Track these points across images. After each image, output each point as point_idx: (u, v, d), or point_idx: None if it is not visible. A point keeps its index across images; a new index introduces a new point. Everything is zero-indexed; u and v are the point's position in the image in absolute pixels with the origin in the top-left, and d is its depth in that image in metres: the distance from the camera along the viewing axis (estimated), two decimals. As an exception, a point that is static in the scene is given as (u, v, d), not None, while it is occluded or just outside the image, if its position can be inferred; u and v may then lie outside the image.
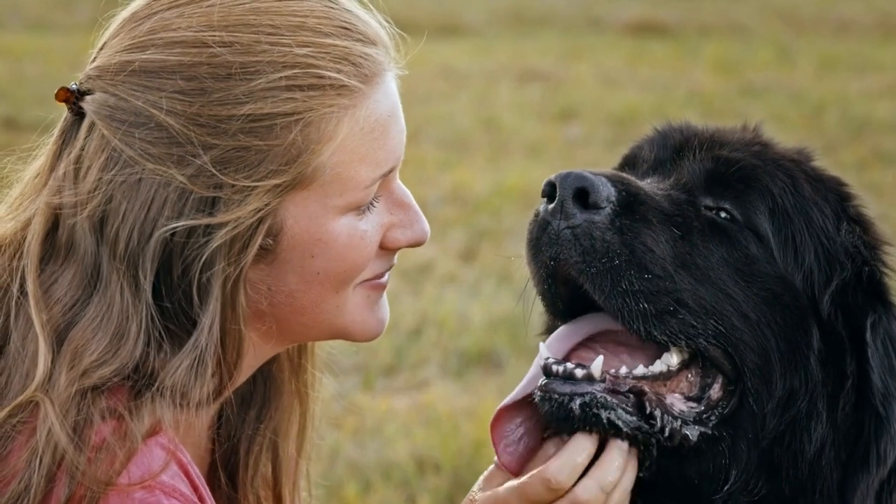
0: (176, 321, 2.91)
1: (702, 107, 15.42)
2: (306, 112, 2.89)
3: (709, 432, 3.04)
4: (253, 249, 2.88)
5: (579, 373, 2.99)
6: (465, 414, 7.46)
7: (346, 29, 2.99)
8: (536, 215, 3.07)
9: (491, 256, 10.12)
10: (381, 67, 3.00)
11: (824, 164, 3.31)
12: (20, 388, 2.85)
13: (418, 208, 3.09)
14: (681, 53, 19.58)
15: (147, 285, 2.86)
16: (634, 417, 2.98)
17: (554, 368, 3.01)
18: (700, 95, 16.43)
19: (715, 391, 3.07)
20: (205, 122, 2.86)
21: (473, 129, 14.99)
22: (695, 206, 3.13)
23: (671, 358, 3.05)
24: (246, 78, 2.88)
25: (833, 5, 23.27)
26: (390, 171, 3.02)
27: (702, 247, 3.09)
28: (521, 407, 3.06)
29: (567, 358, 3.06)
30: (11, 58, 17.07)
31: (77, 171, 2.93)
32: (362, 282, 3.07)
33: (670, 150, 3.25)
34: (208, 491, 2.99)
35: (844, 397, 3.10)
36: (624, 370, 3.03)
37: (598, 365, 3.00)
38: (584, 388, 2.97)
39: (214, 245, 2.86)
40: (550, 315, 3.24)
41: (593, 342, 3.11)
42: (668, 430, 3.00)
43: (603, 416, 2.96)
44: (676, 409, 3.03)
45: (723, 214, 3.13)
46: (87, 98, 2.94)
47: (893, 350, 3.13)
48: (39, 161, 3.02)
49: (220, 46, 2.88)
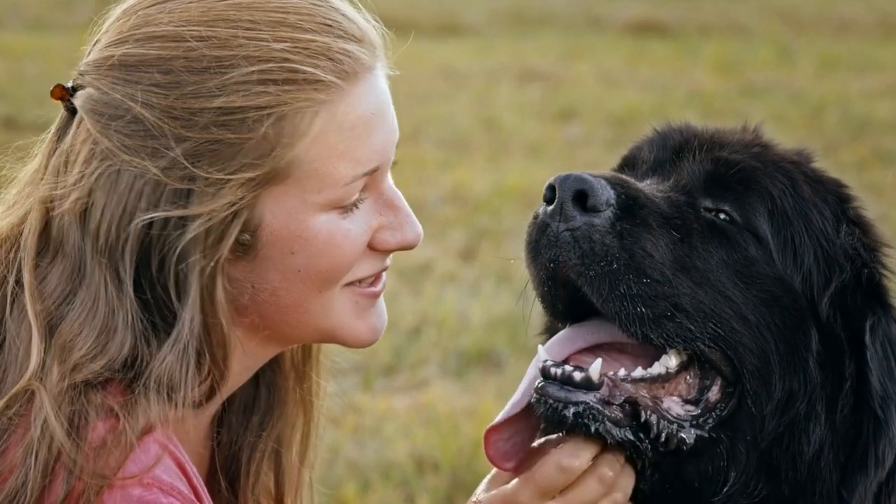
0: (160, 315, 2.91)
1: (702, 107, 15.43)
2: (280, 106, 2.88)
3: (706, 435, 3.04)
4: (228, 242, 2.88)
5: (577, 376, 2.98)
6: (464, 414, 7.46)
7: (329, 26, 2.98)
8: (536, 217, 3.06)
9: (491, 256, 10.12)
10: (363, 65, 2.98)
11: (824, 164, 3.31)
12: (15, 380, 2.86)
13: (409, 210, 3.06)
14: (681, 53, 19.58)
15: (128, 278, 2.87)
16: (625, 429, 2.97)
17: (552, 371, 3.00)
18: (700, 95, 16.43)
19: (713, 393, 3.06)
20: (178, 114, 2.87)
21: (473, 129, 14.99)
22: (694, 208, 3.13)
23: (669, 360, 3.04)
24: (220, 71, 2.88)
25: (833, 5, 23.26)
26: (374, 170, 2.98)
27: (701, 249, 3.08)
28: (515, 418, 3.05)
29: (565, 360, 3.04)
30: (11, 57, 17.07)
31: (65, 165, 2.95)
32: (351, 284, 3.05)
33: (670, 151, 3.24)
34: (206, 491, 2.99)
35: (843, 399, 3.09)
36: (622, 372, 3.02)
37: (596, 368, 2.99)
38: (579, 396, 2.96)
39: (189, 237, 2.85)
40: (550, 317, 3.23)
41: (592, 346, 3.11)
42: (664, 436, 2.99)
43: (593, 428, 2.95)
44: (673, 413, 3.02)
45: (722, 216, 3.12)
46: (78, 93, 2.97)
47: (892, 353, 3.12)
48: (37, 158, 3.04)
49: (196, 41, 2.89)
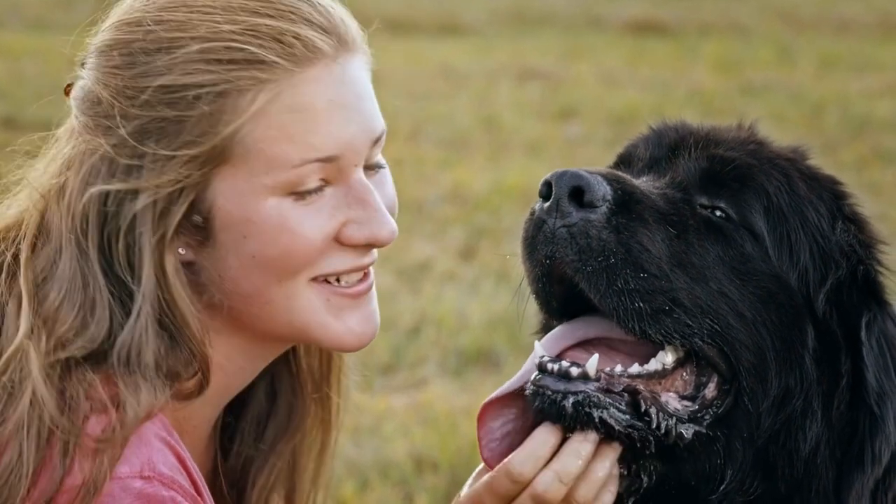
0: (127, 293, 2.98)
1: (702, 106, 15.41)
2: (220, 84, 2.95)
3: (703, 431, 3.04)
4: (174, 218, 2.94)
5: (574, 371, 2.99)
6: (463, 413, 7.45)
7: (290, 13, 3.03)
8: (532, 214, 3.06)
9: (490, 255, 10.11)
10: (321, 52, 3.01)
11: (824, 163, 3.31)
12: (6, 348, 2.94)
13: (381, 207, 3.06)
14: (681, 53, 19.56)
15: (93, 252, 2.95)
16: (628, 416, 2.98)
17: (549, 366, 3.01)
18: (700, 95, 16.42)
19: (710, 390, 3.07)
20: (130, 93, 2.97)
21: (473, 128, 14.98)
22: (690, 205, 3.13)
23: (666, 356, 3.05)
24: (169, 51, 2.97)
25: (833, 5, 23.25)
26: (331, 158, 2.99)
27: (697, 245, 3.09)
28: (508, 403, 3.06)
29: (562, 356, 3.05)
30: (11, 57, 17.06)
31: (56, 152, 3.09)
32: (325, 283, 3.06)
33: (665, 148, 3.24)
34: (206, 487, 3.02)
35: (839, 396, 3.10)
36: (619, 368, 3.03)
37: (593, 363, 3.00)
38: (578, 386, 2.97)
39: (137, 208, 2.93)
40: (545, 314, 3.24)
41: (588, 343, 3.11)
42: (663, 428, 3.00)
43: (595, 415, 2.96)
44: (671, 408, 3.03)
45: (718, 213, 3.13)
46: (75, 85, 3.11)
47: (888, 349, 3.12)
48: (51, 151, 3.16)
49: (156, 24, 3.00)
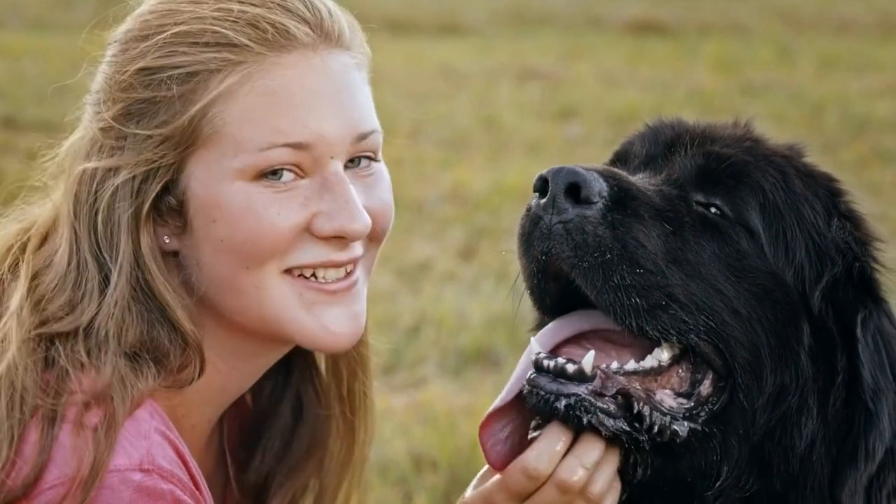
0: (107, 271, 3.04)
1: (702, 106, 15.41)
2: (192, 65, 3.04)
3: (699, 428, 3.04)
4: (149, 196, 3.03)
5: (570, 368, 2.98)
6: (462, 412, 7.45)
7: (275, 4, 3.09)
8: (528, 210, 3.06)
9: (490, 255, 10.12)
10: (297, 41, 3.06)
11: (824, 163, 3.31)
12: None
13: (353, 200, 3.08)
14: (681, 53, 19.56)
15: (83, 234, 3.04)
16: (618, 421, 2.97)
17: (545, 364, 3.00)
18: (700, 94, 16.42)
19: (705, 387, 3.07)
20: (117, 78, 3.10)
21: (473, 128, 14.98)
22: (686, 202, 3.13)
23: (662, 353, 3.05)
24: (152, 37, 3.07)
25: (833, 5, 23.26)
26: (300, 145, 3.03)
27: (693, 242, 3.09)
28: (509, 407, 3.06)
29: (558, 352, 3.05)
30: (11, 57, 17.06)
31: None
32: (300, 277, 3.08)
33: (661, 145, 3.24)
34: (204, 482, 3.05)
35: (835, 393, 3.10)
36: (615, 365, 3.03)
37: (588, 360, 2.99)
38: (570, 388, 2.97)
39: (115, 184, 3.03)
40: (538, 311, 3.23)
41: (584, 338, 3.11)
42: (657, 428, 3.00)
43: (584, 420, 2.95)
44: (666, 406, 3.03)
45: (714, 210, 3.13)
46: None
47: (884, 346, 3.13)
48: None
49: (150, 13, 3.11)
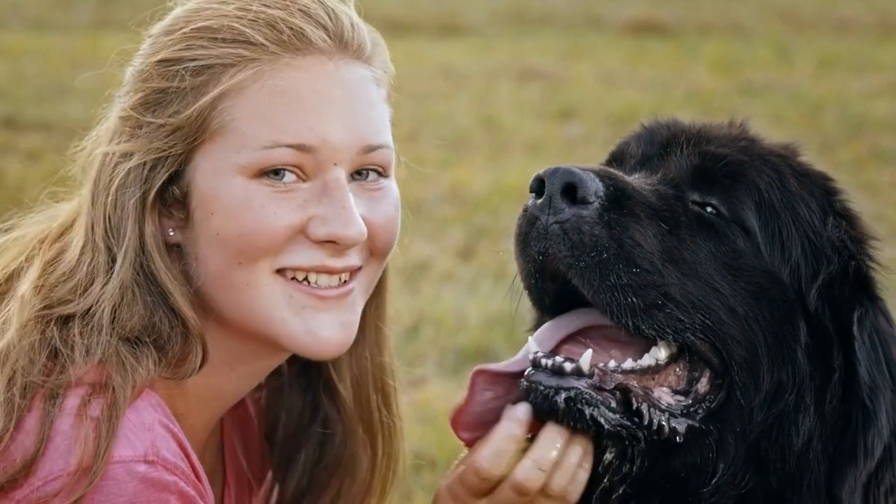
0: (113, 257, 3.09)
1: (701, 106, 15.40)
2: (208, 58, 3.08)
3: (696, 426, 3.05)
4: (156, 182, 3.08)
5: (568, 366, 3.00)
6: (461, 411, 7.45)
7: (297, 8, 3.12)
8: (525, 210, 3.08)
9: (489, 255, 10.12)
10: (312, 45, 3.10)
11: (822, 163, 3.31)
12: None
13: (350, 208, 3.09)
14: (680, 53, 19.55)
15: (99, 218, 3.08)
16: (618, 415, 2.99)
17: (543, 362, 3.02)
18: (699, 94, 16.41)
19: (702, 385, 3.08)
20: (141, 69, 3.16)
21: (473, 128, 14.98)
22: (682, 201, 3.14)
23: (659, 352, 3.06)
24: (177, 31, 3.13)
25: (833, 5, 23.24)
26: (304, 147, 3.05)
27: (689, 241, 3.10)
28: (501, 381, 3.05)
29: (556, 352, 3.06)
30: (11, 57, 17.04)
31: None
32: (292, 280, 3.10)
33: (657, 145, 3.26)
34: (205, 474, 3.09)
35: (831, 390, 3.11)
36: (612, 364, 3.04)
37: (586, 359, 3.01)
38: (570, 382, 2.98)
39: (127, 167, 3.09)
40: (537, 310, 3.25)
41: (582, 337, 3.12)
42: (655, 425, 3.01)
43: (587, 413, 2.97)
44: (664, 403, 3.04)
45: (710, 209, 3.14)
46: None
47: (880, 343, 3.14)
48: None
49: (182, 10, 3.19)
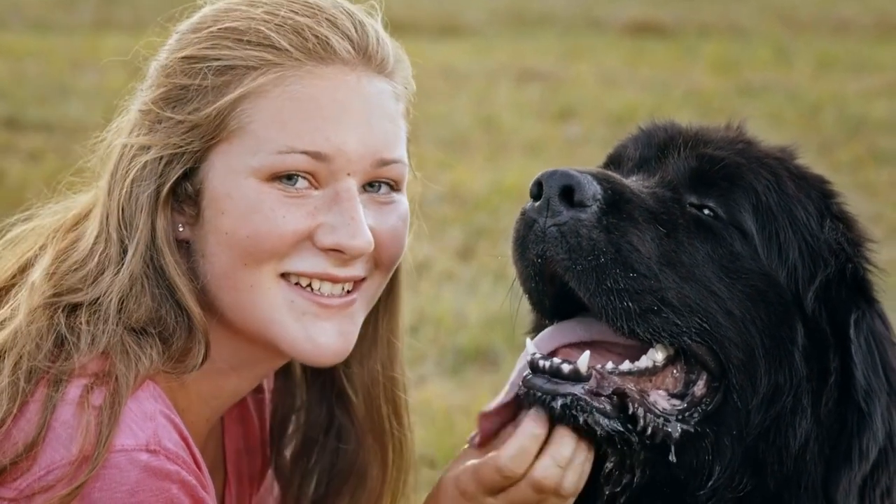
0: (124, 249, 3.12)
1: (700, 106, 15.40)
2: (232, 59, 3.11)
3: (692, 430, 3.06)
4: (171, 176, 3.10)
5: (566, 368, 3.01)
6: (460, 411, 7.46)
7: (324, 18, 3.14)
8: (523, 214, 3.08)
9: (488, 255, 10.12)
10: (336, 55, 3.12)
11: (820, 163, 3.33)
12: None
13: (358, 218, 3.10)
14: (680, 53, 19.55)
15: (112, 206, 3.11)
16: (613, 421, 3.00)
17: (541, 364, 3.02)
18: (699, 95, 16.41)
19: (699, 388, 3.08)
20: (166, 64, 3.18)
21: (473, 129, 14.97)
22: (679, 204, 3.15)
23: (656, 354, 3.07)
24: (204, 29, 3.16)
25: (831, 5, 23.23)
26: (318, 155, 3.07)
27: (687, 244, 3.10)
28: (505, 411, 3.08)
29: (554, 354, 3.07)
30: (12, 57, 17.03)
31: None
32: (296, 285, 3.11)
33: (655, 148, 3.26)
34: (205, 465, 3.11)
35: (828, 393, 3.11)
36: (610, 366, 3.04)
37: (584, 361, 3.01)
38: (566, 388, 2.99)
39: (143, 160, 3.11)
40: (537, 313, 3.26)
41: (581, 344, 3.13)
42: (650, 429, 3.02)
43: (581, 419, 2.98)
44: (660, 407, 3.04)
45: (707, 212, 3.14)
46: None
47: (876, 346, 3.14)
48: None
49: (211, 10, 3.21)
